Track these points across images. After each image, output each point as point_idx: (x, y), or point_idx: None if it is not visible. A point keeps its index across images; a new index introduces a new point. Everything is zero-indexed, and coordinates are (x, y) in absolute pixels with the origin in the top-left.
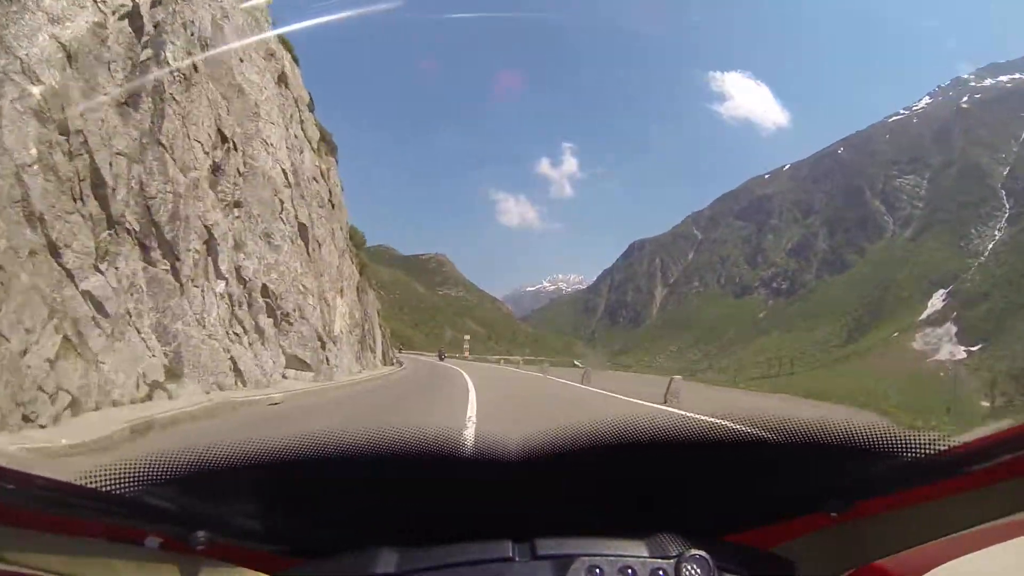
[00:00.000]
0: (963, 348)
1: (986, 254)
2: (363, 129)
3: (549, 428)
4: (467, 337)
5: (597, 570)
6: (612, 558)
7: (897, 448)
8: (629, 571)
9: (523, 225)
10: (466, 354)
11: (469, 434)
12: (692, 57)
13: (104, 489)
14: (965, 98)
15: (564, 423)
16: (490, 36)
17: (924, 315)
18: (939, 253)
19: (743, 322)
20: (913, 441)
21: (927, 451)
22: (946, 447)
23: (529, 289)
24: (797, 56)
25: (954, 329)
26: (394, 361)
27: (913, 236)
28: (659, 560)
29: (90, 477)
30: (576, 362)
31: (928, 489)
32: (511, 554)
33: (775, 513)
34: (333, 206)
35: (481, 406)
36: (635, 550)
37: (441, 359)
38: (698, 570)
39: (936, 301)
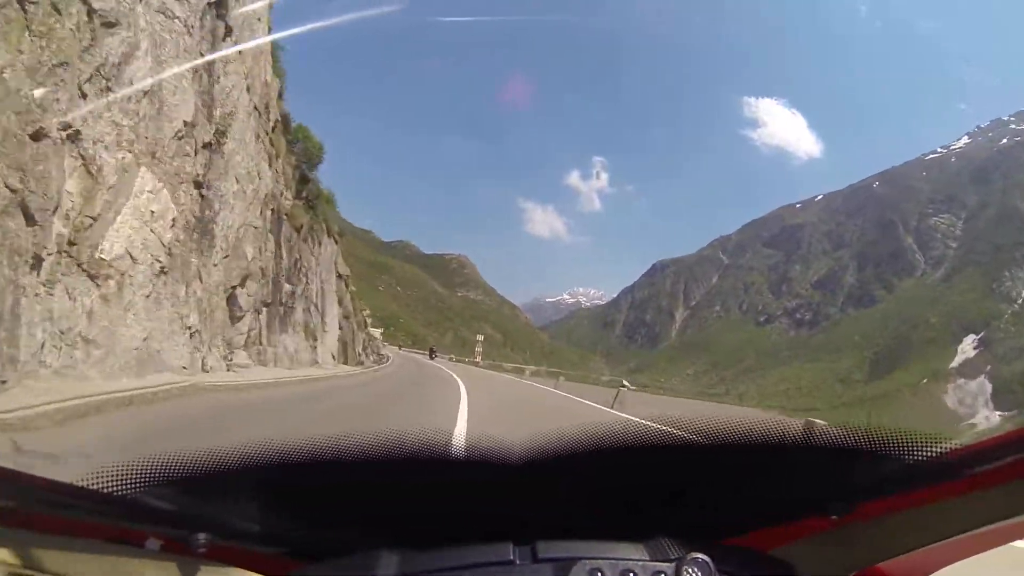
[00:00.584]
0: (998, 414)
1: (1020, 301)
2: (391, 126)
3: (551, 430)
4: (480, 338)
5: (598, 573)
6: (613, 561)
7: (899, 450)
8: (630, 574)
9: (550, 236)
10: (477, 359)
11: (471, 437)
12: (727, 80)
13: (104, 490)
14: (1004, 140)
15: None
16: (525, 44)
17: (955, 362)
18: (970, 295)
19: (763, 351)
20: (915, 443)
21: (929, 453)
22: (948, 449)
23: (549, 300)
24: (834, 88)
25: (989, 388)
26: (363, 359)
27: (945, 276)
28: (660, 563)
29: (90, 478)
30: (624, 382)
31: (930, 491)
32: (512, 557)
33: (776, 516)
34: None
35: None
36: (636, 553)
37: (431, 358)
38: (699, 573)
39: (967, 347)
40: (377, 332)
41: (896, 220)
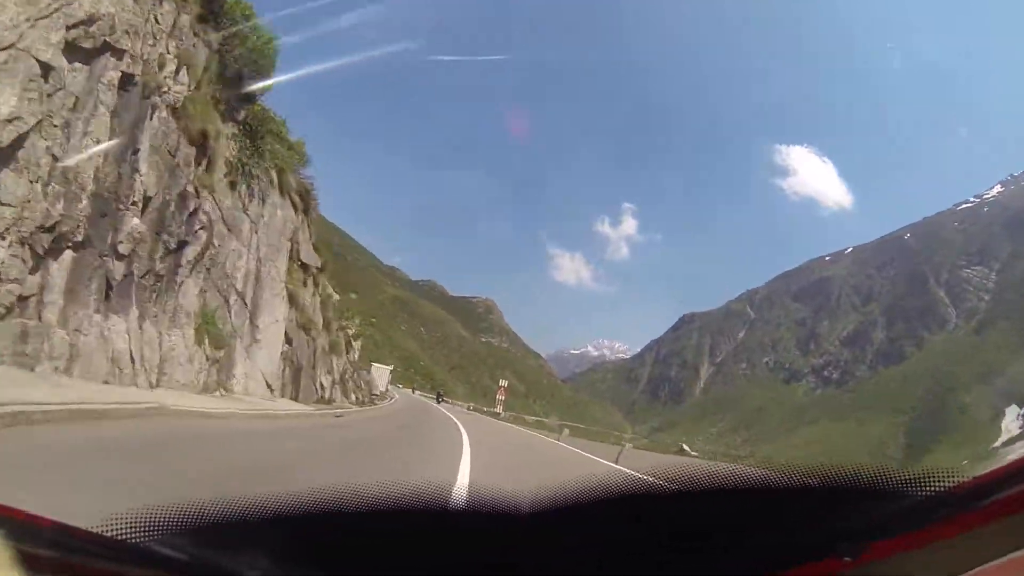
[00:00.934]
0: None
1: None
2: (422, 167)
3: (559, 482)
4: (503, 384)
5: None
6: None
7: (908, 487)
8: None
9: (576, 283)
10: (498, 408)
11: (479, 489)
12: (758, 127)
13: (118, 537)
14: None
15: None
16: (559, 89)
17: (999, 443)
18: (1005, 352)
19: (789, 409)
20: (924, 478)
21: (939, 487)
22: (957, 482)
23: (573, 352)
24: (866, 135)
25: None
26: (332, 397)
27: (977, 329)
28: None
29: (104, 524)
30: (684, 446)
31: (944, 526)
32: None
33: (787, 561)
34: None
35: None
36: None
37: (438, 402)
38: None
39: (1012, 423)
40: (385, 369)
41: (927, 272)
